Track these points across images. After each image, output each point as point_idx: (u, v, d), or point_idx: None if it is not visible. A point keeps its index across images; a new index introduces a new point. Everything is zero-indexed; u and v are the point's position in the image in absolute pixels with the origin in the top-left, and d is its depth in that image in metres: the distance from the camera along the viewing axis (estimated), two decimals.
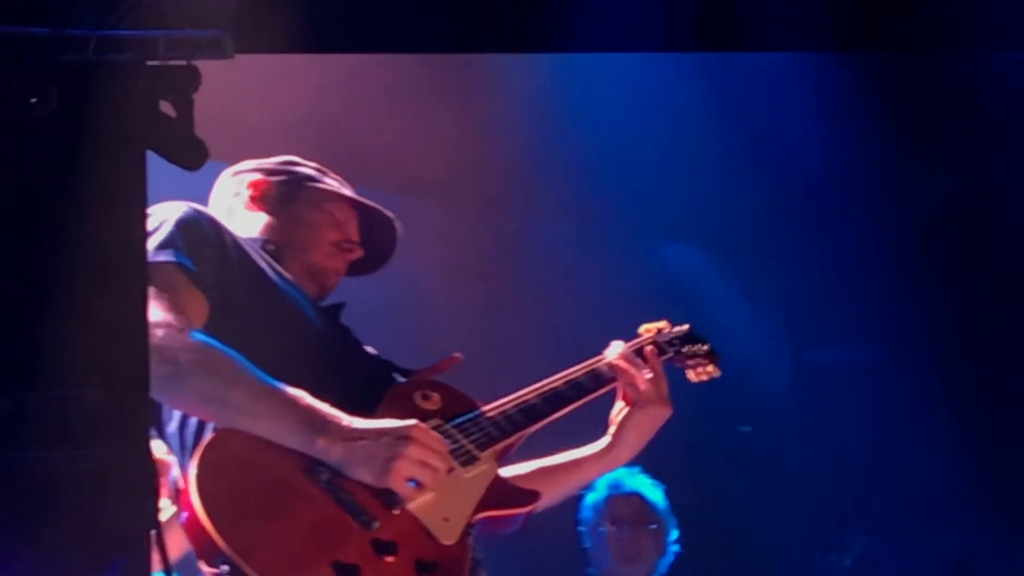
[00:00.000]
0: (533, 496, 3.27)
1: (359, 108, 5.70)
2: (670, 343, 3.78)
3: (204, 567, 2.73)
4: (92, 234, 1.96)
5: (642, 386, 3.51)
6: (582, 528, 5.43)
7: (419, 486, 2.94)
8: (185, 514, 2.75)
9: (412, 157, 5.93)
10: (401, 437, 2.97)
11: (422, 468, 2.95)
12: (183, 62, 2.03)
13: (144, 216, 2.04)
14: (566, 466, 3.51)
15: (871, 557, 6.80)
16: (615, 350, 3.59)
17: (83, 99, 1.97)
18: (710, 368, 3.84)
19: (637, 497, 5.34)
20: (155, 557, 2.04)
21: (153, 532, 2.01)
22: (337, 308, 3.46)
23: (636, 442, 3.57)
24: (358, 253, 3.49)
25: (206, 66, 2.10)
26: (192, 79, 2.02)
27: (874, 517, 6.89)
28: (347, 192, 3.53)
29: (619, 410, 3.56)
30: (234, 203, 3.49)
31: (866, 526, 6.93)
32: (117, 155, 1.98)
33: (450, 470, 3.05)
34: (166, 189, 2.60)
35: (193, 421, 3.02)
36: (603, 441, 3.58)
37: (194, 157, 2.05)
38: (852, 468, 6.94)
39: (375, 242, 3.57)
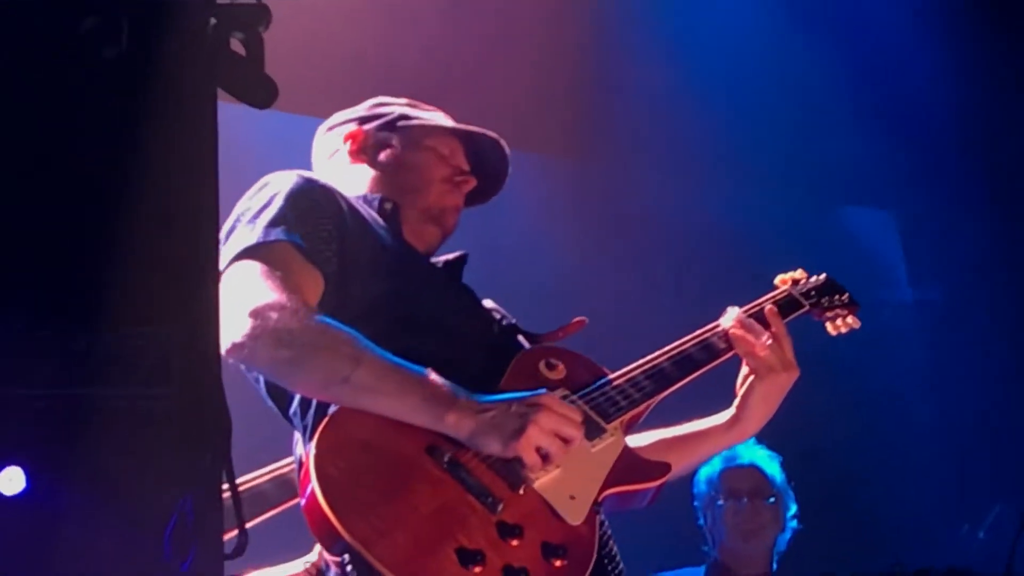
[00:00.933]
0: (664, 469, 3.08)
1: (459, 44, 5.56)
2: (806, 294, 3.58)
3: (325, 553, 2.69)
4: (161, 174, 1.96)
5: (761, 353, 3.30)
6: (697, 503, 5.23)
7: (548, 460, 2.81)
8: (304, 499, 2.68)
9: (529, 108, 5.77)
10: (532, 405, 2.84)
11: (552, 438, 2.82)
12: (253, 0, 2.02)
13: (214, 155, 2.03)
14: (689, 438, 3.35)
15: (1007, 527, 6.17)
16: (730, 316, 3.37)
17: (153, 38, 1.97)
18: (850, 319, 3.63)
19: (755, 469, 5.13)
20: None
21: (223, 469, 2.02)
22: (459, 264, 3.33)
23: (762, 413, 3.36)
24: (472, 183, 3.36)
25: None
26: (262, 16, 2.01)
27: (1008, 483, 6.50)
28: (445, 122, 3.40)
29: (743, 378, 3.37)
30: (336, 161, 3.39)
31: (1001, 493, 6.56)
32: (187, 93, 1.97)
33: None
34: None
35: (314, 402, 2.95)
36: (728, 412, 3.39)
37: (264, 96, 2.04)
38: (983, 430, 6.68)
39: (486, 167, 3.43)
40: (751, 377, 3.33)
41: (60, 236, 1.95)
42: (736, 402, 3.36)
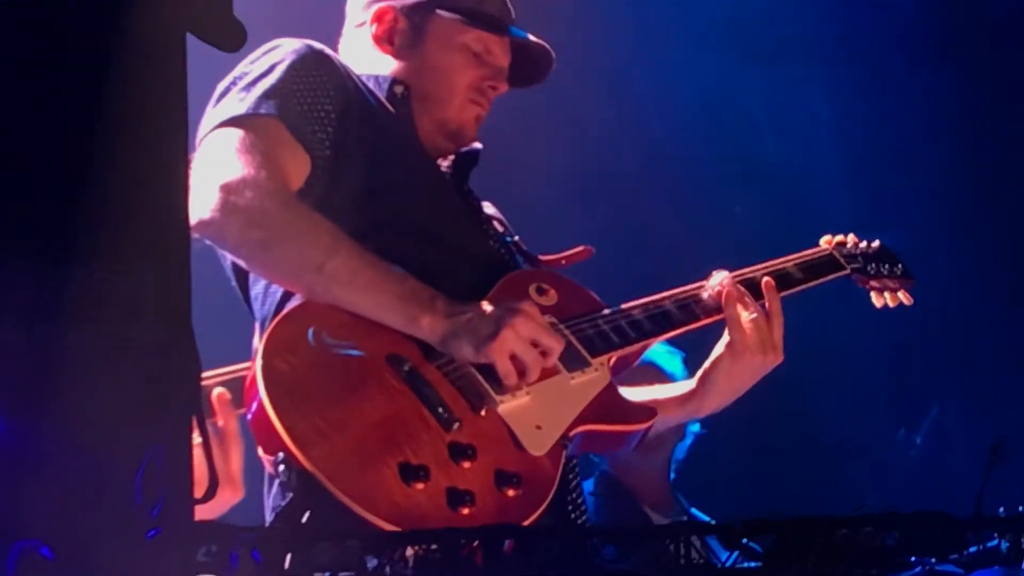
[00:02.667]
0: (648, 413, 2.88)
1: None
2: (851, 257, 3.36)
3: (263, 456, 2.52)
4: (132, 117, 1.95)
5: (744, 325, 3.01)
6: None
7: (522, 372, 2.63)
8: (246, 393, 2.52)
9: None
10: (511, 309, 2.65)
11: (528, 346, 2.62)
12: None
13: (184, 100, 2.03)
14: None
15: (946, 429, 6.25)
16: (717, 278, 3.10)
17: None
18: (901, 294, 3.39)
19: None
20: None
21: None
22: (468, 162, 3.05)
23: (725, 392, 3.08)
24: (503, 89, 3.08)
25: None
26: None
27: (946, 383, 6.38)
28: (493, 12, 3.04)
29: (717, 348, 3.09)
30: (360, 36, 3.08)
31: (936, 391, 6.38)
32: (156, 37, 1.96)
33: (554, 372, 2.72)
34: None
35: (275, 295, 2.76)
36: (688, 383, 3.14)
37: (233, 39, 2.02)
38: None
39: (524, 71, 3.12)
40: (724, 349, 3.07)
41: (31, 177, 1.94)
42: (699, 373, 3.12)
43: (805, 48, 6.46)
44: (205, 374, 3.21)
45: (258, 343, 2.70)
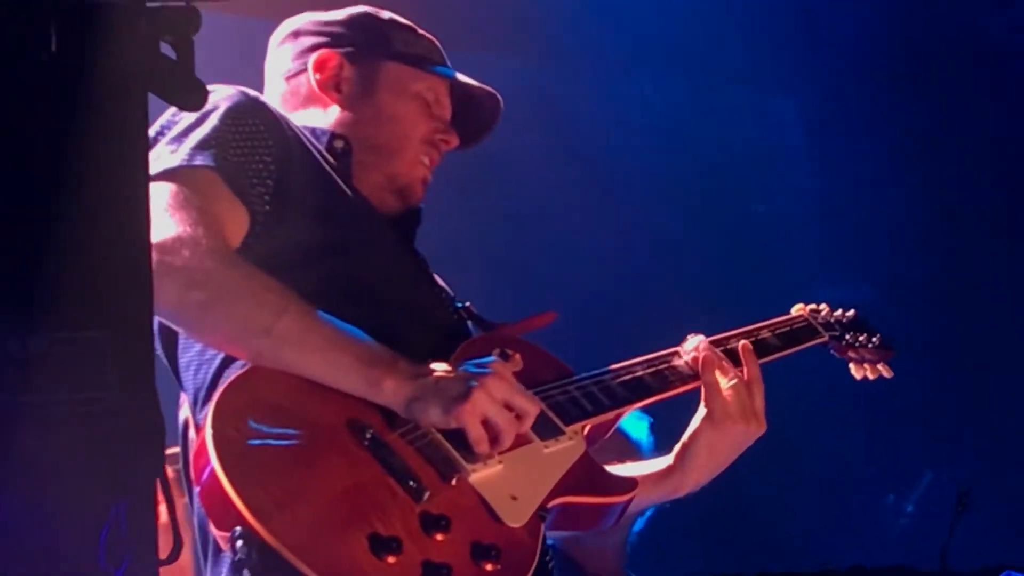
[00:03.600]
0: (629, 485, 2.69)
1: None
2: (827, 325, 3.22)
3: (217, 532, 2.34)
4: (93, 178, 1.95)
5: (724, 393, 2.86)
6: None
7: (495, 439, 2.46)
8: (194, 468, 2.36)
9: None
10: (482, 368, 2.48)
11: (501, 409, 2.45)
12: (183, 2, 2.02)
13: (146, 159, 2.03)
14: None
15: (940, 496, 6.04)
16: (692, 343, 2.94)
17: (83, 40, 1.95)
18: (881, 367, 3.27)
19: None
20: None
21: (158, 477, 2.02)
22: (411, 222, 2.87)
23: (706, 467, 2.90)
24: (453, 143, 2.92)
25: None
26: (192, 20, 2.00)
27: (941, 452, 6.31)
28: (439, 60, 2.89)
29: (696, 419, 2.92)
30: (293, 87, 2.89)
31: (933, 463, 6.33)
32: (118, 97, 1.96)
33: (527, 441, 2.56)
34: None
35: (213, 362, 2.57)
36: (666, 459, 2.97)
37: (195, 100, 2.03)
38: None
39: (471, 122, 2.96)
40: (703, 421, 2.90)
41: None
42: (676, 448, 2.94)
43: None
44: None
45: (192, 414, 2.58)
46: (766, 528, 6.07)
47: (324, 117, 2.86)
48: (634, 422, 4.35)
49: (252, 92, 2.75)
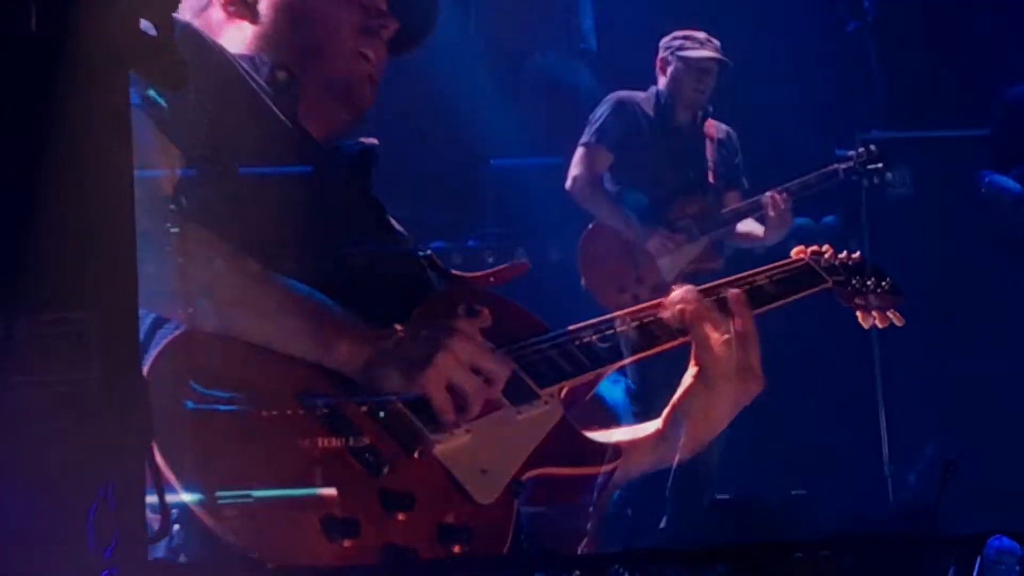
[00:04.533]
0: (612, 453, 2.44)
1: None
2: (831, 269, 2.91)
3: (148, 513, 2.02)
4: (75, 157, 1.94)
5: (715, 349, 2.56)
6: None
7: (462, 406, 2.24)
8: None
9: None
10: (446, 330, 2.26)
11: (468, 373, 2.23)
12: None
13: (129, 137, 2.02)
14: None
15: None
16: (680, 293, 2.64)
17: (63, 19, 1.95)
18: (890, 313, 2.96)
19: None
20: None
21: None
22: (366, 161, 2.59)
23: (702, 431, 2.61)
24: (392, 26, 2.59)
25: None
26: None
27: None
28: None
29: (686, 378, 2.63)
30: (207, 20, 2.58)
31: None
32: (98, 76, 1.96)
33: (497, 407, 2.33)
34: None
35: (144, 319, 2.19)
36: (655, 423, 2.66)
37: (176, 78, 2.02)
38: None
39: (411, 3, 2.64)
40: (694, 379, 2.62)
41: None
42: (665, 412, 2.64)
43: None
44: None
45: None
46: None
47: (247, 41, 2.56)
48: (608, 384, 4.16)
49: (184, 19, 2.48)
